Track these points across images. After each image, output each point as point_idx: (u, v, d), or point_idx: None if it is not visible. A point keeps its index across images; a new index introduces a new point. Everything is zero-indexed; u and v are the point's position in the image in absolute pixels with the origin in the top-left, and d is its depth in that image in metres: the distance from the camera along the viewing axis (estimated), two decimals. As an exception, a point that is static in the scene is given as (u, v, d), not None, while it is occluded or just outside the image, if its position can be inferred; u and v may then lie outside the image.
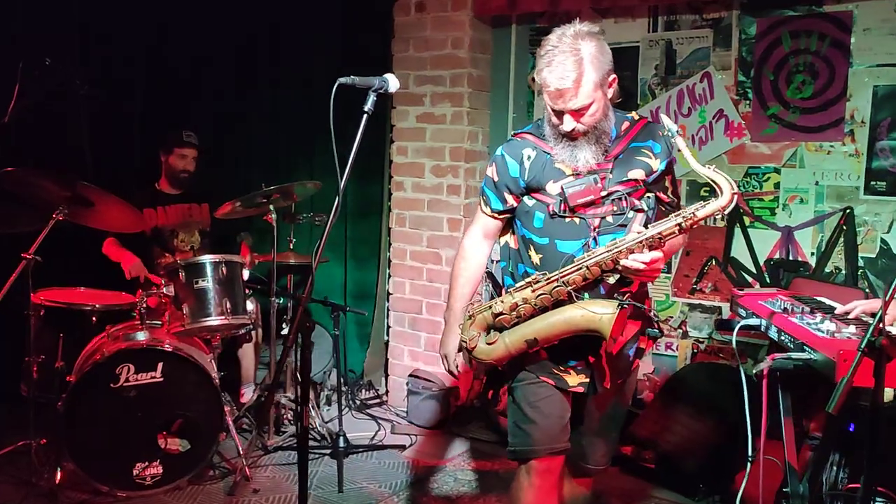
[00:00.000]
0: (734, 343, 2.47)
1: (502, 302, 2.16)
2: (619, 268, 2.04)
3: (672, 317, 4.03)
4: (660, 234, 2.01)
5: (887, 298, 1.75)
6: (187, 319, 3.39)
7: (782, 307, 2.49)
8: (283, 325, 4.07)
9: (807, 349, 2.13)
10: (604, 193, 2.14)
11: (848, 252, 3.57)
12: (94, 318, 3.50)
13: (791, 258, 3.71)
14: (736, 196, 2.00)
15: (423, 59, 4.32)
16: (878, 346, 1.73)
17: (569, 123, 2.11)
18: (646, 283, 2.30)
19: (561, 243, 2.19)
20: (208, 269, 3.46)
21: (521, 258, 2.31)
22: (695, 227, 2.04)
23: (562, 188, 2.15)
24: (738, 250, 3.84)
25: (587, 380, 2.25)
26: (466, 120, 4.21)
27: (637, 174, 2.18)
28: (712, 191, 2.06)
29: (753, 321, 2.53)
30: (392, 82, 2.11)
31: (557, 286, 2.08)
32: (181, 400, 3.30)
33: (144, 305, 3.40)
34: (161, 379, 3.26)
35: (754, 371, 2.20)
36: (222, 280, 3.47)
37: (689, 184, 3.93)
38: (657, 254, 2.02)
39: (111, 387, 3.19)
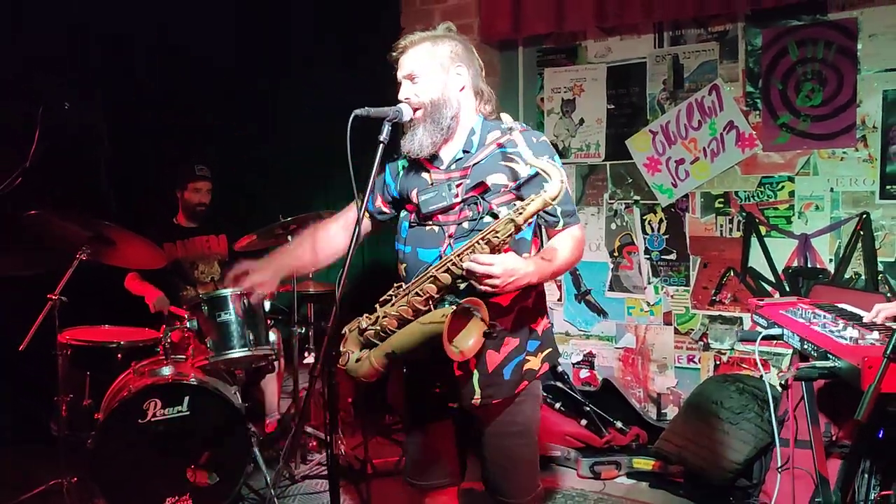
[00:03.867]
0: (756, 354, 2.48)
1: (368, 318, 2.13)
2: (465, 273, 1.98)
3: (693, 329, 4.02)
4: (494, 230, 1.97)
5: (909, 303, 1.76)
6: (211, 352, 3.42)
7: (803, 316, 2.49)
8: (306, 354, 4.10)
9: (830, 357, 2.12)
10: (457, 199, 2.13)
11: (866, 257, 3.56)
12: (119, 356, 3.54)
13: (809, 265, 3.70)
14: (563, 184, 1.95)
15: (432, 85, 4.35)
16: (902, 351, 1.73)
17: (404, 89, 2.18)
18: (528, 299, 2.21)
19: (422, 251, 2.17)
20: (230, 302, 3.49)
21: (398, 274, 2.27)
22: (529, 221, 1.99)
23: (417, 196, 2.16)
24: (756, 260, 3.84)
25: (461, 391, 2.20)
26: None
27: (498, 179, 2.14)
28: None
29: (775, 331, 2.53)
30: (405, 111, 2.17)
31: (412, 296, 2.06)
32: (208, 432, 3.31)
33: (169, 341, 3.43)
34: (188, 412, 3.28)
35: (780, 381, 2.20)
36: (244, 312, 3.50)
37: (703, 196, 3.94)
38: (500, 257, 1.95)
39: (139, 422, 3.20)
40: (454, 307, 1.96)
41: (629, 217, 4.17)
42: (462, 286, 2.04)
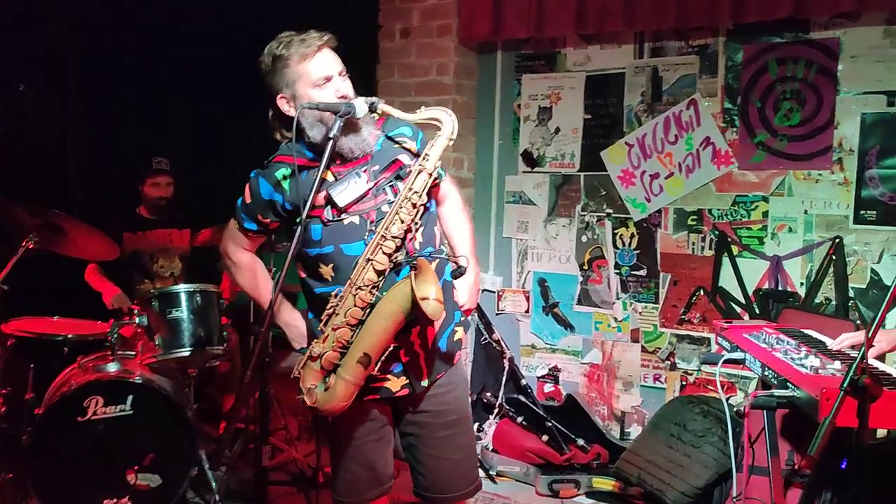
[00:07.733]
0: (717, 377, 2.41)
1: (317, 342, 2.04)
2: (398, 242, 2.04)
3: (660, 348, 3.94)
4: (410, 188, 2.05)
5: (870, 335, 1.67)
6: (159, 350, 3.30)
7: (766, 341, 2.41)
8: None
9: (790, 386, 2.05)
10: (370, 185, 2.11)
11: (838, 282, 3.48)
12: (66, 349, 3.41)
13: (780, 288, 3.63)
14: (453, 119, 2.11)
15: (407, 86, 4.28)
16: (860, 384, 1.65)
17: (344, 87, 2.11)
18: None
19: (346, 246, 2.10)
20: (183, 299, 3.37)
21: (315, 282, 2.18)
22: (437, 164, 2.13)
23: (327, 193, 2.08)
24: (727, 280, 3.76)
25: (408, 381, 2.15)
26: (451, 147, 4.14)
27: (403, 158, 2.17)
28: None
29: (738, 355, 2.45)
30: (359, 107, 2.06)
31: (357, 293, 2.01)
32: (152, 434, 3.18)
33: (116, 335, 3.31)
34: (131, 412, 3.16)
35: (735, 409, 2.12)
36: (197, 310, 3.38)
37: (676, 212, 3.86)
38: (463, 288, 2.27)
39: (78, 420, 3.08)
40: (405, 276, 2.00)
41: (601, 230, 4.08)
42: (400, 258, 2.06)
